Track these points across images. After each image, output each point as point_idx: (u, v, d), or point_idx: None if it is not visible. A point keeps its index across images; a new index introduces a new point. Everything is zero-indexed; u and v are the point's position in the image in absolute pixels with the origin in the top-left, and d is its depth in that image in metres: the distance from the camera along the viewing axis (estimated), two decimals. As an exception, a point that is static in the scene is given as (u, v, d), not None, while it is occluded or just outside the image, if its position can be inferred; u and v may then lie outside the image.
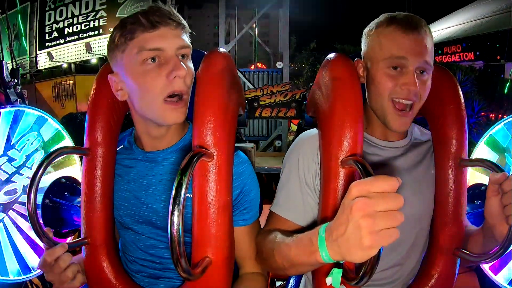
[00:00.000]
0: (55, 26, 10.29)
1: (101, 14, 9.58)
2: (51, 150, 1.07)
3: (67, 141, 1.50)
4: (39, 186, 1.01)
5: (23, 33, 10.60)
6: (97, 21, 9.63)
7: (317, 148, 1.10)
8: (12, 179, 1.47)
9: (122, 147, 1.19)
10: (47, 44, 10.52)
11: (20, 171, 1.47)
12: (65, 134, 1.49)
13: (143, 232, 1.13)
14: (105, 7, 9.53)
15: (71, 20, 10.02)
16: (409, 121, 1.10)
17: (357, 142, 0.98)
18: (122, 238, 1.20)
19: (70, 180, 1.45)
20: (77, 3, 9.86)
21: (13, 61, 3.26)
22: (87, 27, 9.77)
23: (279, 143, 7.05)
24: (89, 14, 9.74)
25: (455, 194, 1.10)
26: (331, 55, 1.10)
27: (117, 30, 1.01)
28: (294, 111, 5.08)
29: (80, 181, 1.26)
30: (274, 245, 0.98)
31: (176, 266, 0.83)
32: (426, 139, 1.24)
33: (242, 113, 1.17)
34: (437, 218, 1.14)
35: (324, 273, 0.93)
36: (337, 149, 0.98)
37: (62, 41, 10.25)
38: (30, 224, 1.00)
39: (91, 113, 1.10)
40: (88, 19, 9.74)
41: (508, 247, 0.95)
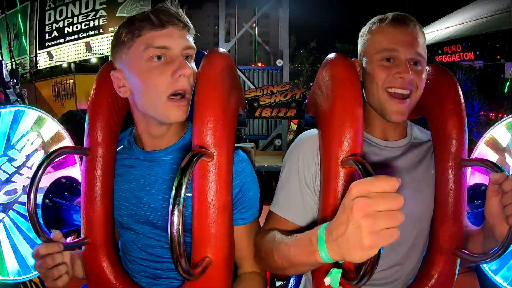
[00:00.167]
0: (55, 25, 10.28)
1: (101, 13, 9.56)
2: (51, 150, 1.07)
3: (67, 141, 1.50)
4: (39, 186, 1.00)
5: (23, 32, 10.59)
6: (97, 20, 9.62)
7: (317, 148, 1.10)
8: (12, 179, 1.47)
9: (122, 147, 1.19)
10: (47, 44, 10.50)
11: (20, 171, 1.47)
12: (65, 134, 1.49)
13: (142, 232, 1.13)
14: (105, 6, 9.51)
15: (71, 20, 10.00)
16: (406, 109, 1.10)
17: (357, 142, 0.98)
18: (122, 238, 1.20)
19: (70, 180, 1.45)
20: (77, 3, 9.84)
21: (13, 61, 3.25)
22: (87, 26, 9.75)
23: (279, 142, 7.03)
24: (89, 14, 9.72)
25: (455, 194, 1.10)
26: (331, 55, 1.10)
27: (124, 27, 1.03)
28: (294, 111, 5.07)
29: (80, 181, 1.26)
30: (273, 244, 0.98)
31: (176, 266, 0.83)
32: (426, 139, 1.24)
33: (242, 113, 1.17)
34: (437, 218, 1.14)
35: (323, 273, 0.93)
36: (337, 149, 0.98)
37: (62, 40, 10.23)
38: (30, 224, 1.00)
39: (91, 113, 1.11)
40: (88, 18, 9.72)
41: (508, 247, 0.95)
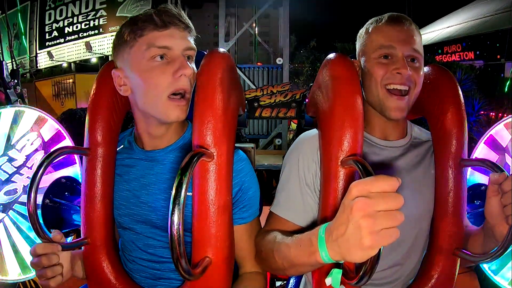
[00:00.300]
0: (55, 25, 10.27)
1: (101, 13, 9.56)
2: (51, 150, 1.07)
3: (67, 141, 1.50)
4: (39, 186, 1.00)
5: (23, 32, 10.59)
6: (97, 20, 9.61)
7: (317, 148, 1.10)
8: (12, 179, 1.47)
9: (122, 147, 1.20)
10: (47, 44, 10.50)
11: (20, 171, 1.47)
12: (65, 134, 1.49)
13: (142, 232, 1.13)
14: (105, 6, 9.50)
15: (71, 20, 9.99)
16: (405, 105, 1.11)
17: (357, 142, 0.98)
18: (122, 238, 1.20)
19: (70, 180, 1.45)
20: (77, 3, 9.84)
21: (13, 61, 3.25)
22: (87, 26, 9.75)
23: (279, 141, 7.04)
24: (89, 14, 9.72)
25: (455, 194, 1.10)
26: (331, 55, 1.10)
27: (126, 26, 1.04)
28: (294, 111, 5.07)
29: (80, 181, 1.26)
30: (273, 245, 0.98)
31: (176, 266, 0.83)
32: (426, 138, 1.24)
33: (242, 113, 1.17)
34: (437, 218, 1.14)
35: (324, 273, 0.93)
36: (337, 149, 0.98)
37: (62, 40, 10.23)
38: (30, 224, 1.00)
39: (91, 113, 1.11)
40: (88, 18, 9.72)
41: (508, 247, 0.95)
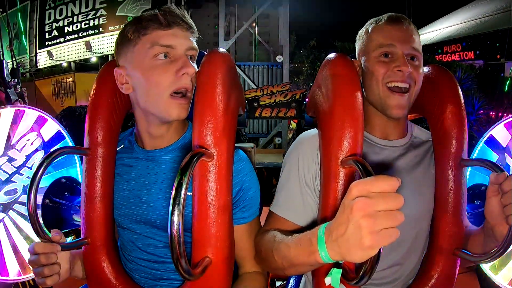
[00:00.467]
0: (55, 25, 10.27)
1: (101, 12, 9.55)
2: (51, 150, 1.07)
3: (67, 141, 1.50)
4: (39, 186, 1.00)
5: (23, 31, 10.59)
6: (97, 19, 9.61)
7: (317, 148, 1.10)
8: (12, 179, 1.47)
9: (123, 146, 1.20)
10: (47, 43, 10.49)
11: (20, 171, 1.47)
12: (65, 134, 1.49)
13: (142, 232, 1.13)
14: (105, 5, 9.50)
15: (71, 19, 9.99)
16: (406, 103, 1.11)
17: (357, 142, 0.98)
18: (121, 237, 1.20)
19: (70, 180, 1.45)
20: (77, 2, 9.84)
21: (13, 60, 3.25)
22: (87, 25, 9.74)
23: (279, 140, 7.04)
24: (89, 13, 9.71)
25: (455, 194, 1.10)
26: (331, 55, 1.10)
27: (130, 25, 1.05)
28: (294, 111, 5.08)
29: (80, 181, 1.26)
30: (273, 245, 0.98)
31: (176, 266, 0.83)
32: (426, 138, 1.24)
33: (242, 113, 1.17)
34: (437, 218, 1.14)
35: (323, 273, 0.93)
36: (337, 149, 0.98)
37: (62, 40, 10.22)
38: (30, 224, 1.00)
39: (91, 113, 1.11)
40: (88, 18, 9.71)
41: (508, 247, 0.95)
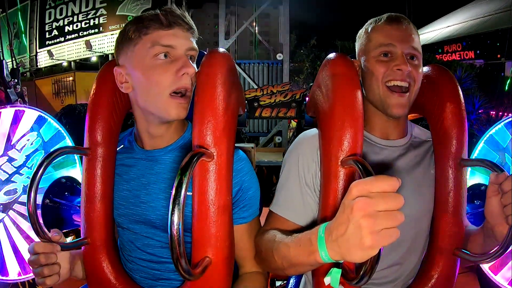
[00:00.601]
0: (55, 24, 10.28)
1: (101, 12, 9.56)
2: (51, 150, 1.07)
3: (67, 141, 1.50)
4: (39, 186, 1.01)
5: (23, 31, 10.59)
6: (97, 19, 9.62)
7: (317, 148, 1.10)
8: (12, 179, 1.47)
9: (122, 146, 1.20)
10: (47, 43, 10.50)
11: (20, 171, 1.47)
12: (65, 134, 1.49)
13: (141, 232, 1.13)
14: (105, 5, 9.51)
15: (71, 18, 10.00)
16: (406, 102, 1.11)
17: (357, 142, 0.98)
18: (121, 237, 1.20)
19: (70, 180, 1.45)
20: (77, 1, 9.85)
21: (13, 59, 3.25)
22: (87, 25, 9.75)
23: (279, 139, 7.05)
24: (89, 12, 9.72)
25: (455, 194, 1.10)
26: (331, 55, 1.10)
27: (131, 25, 1.06)
28: (294, 111, 5.08)
29: (80, 181, 1.26)
30: (273, 245, 0.98)
31: (176, 266, 0.82)
32: (426, 138, 1.24)
33: (242, 113, 1.17)
34: (437, 218, 1.14)
35: (323, 273, 0.93)
36: (337, 149, 0.98)
37: (62, 39, 10.23)
38: (30, 224, 1.00)
39: (91, 113, 1.10)
40: (88, 17, 9.72)
41: (508, 247, 0.94)
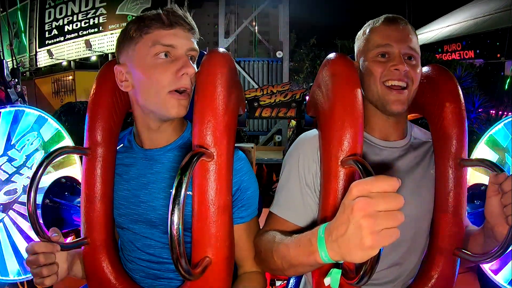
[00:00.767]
0: (54, 23, 10.27)
1: (101, 11, 9.56)
2: (51, 150, 1.07)
3: (67, 141, 1.50)
4: (39, 186, 1.00)
5: (23, 30, 10.59)
6: (96, 18, 9.62)
7: (317, 148, 1.10)
8: (12, 179, 1.47)
9: (122, 145, 1.20)
10: (46, 42, 10.50)
11: (20, 171, 1.47)
12: (65, 134, 1.49)
13: (141, 232, 1.13)
14: (105, 4, 9.51)
15: (70, 18, 10.00)
16: (405, 99, 1.12)
17: (357, 142, 0.98)
18: (121, 237, 1.20)
19: (70, 180, 1.45)
20: (77, 1, 9.85)
21: (13, 59, 3.25)
22: (87, 24, 9.75)
23: (279, 138, 7.07)
24: (88, 12, 9.72)
25: (455, 194, 1.10)
26: (331, 55, 1.10)
27: (133, 24, 1.06)
28: (294, 111, 5.10)
29: (80, 181, 1.26)
30: (272, 245, 0.98)
31: (176, 266, 0.82)
32: (426, 139, 1.24)
33: (242, 113, 1.17)
34: (437, 218, 1.14)
35: (323, 273, 0.93)
36: (337, 149, 0.98)
37: (62, 38, 10.23)
38: (30, 224, 1.00)
39: (91, 113, 1.10)
40: (88, 16, 9.72)
41: (508, 247, 0.95)
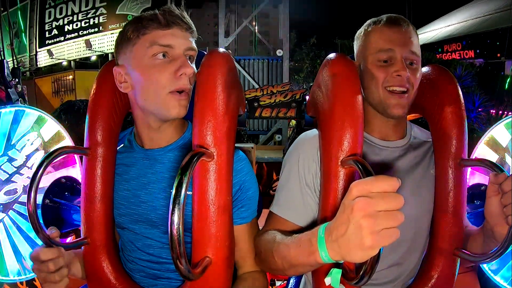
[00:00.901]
0: (55, 23, 10.28)
1: (101, 11, 9.57)
2: (51, 150, 1.07)
3: (67, 141, 1.50)
4: (39, 186, 1.00)
5: (23, 30, 10.59)
6: (97, 18, 9.62)
7: (317, 148, 1.10)
8: (12, 179, 1.47)
9: (122, 145, 1.19)
10: (47, 42, 10.51)
11: (20, 171, 1.47)
12: (65, 134, 1.49)
13: (141, 232, 1.13)
14: (105, 4, 9.52)
15: (71, 18, 10.01)
16: (405, 102, 1.12)
17: (357, 142, 0.98)
18: (121, 237, 1.20)
19: (70, 180, 1.45)
20: (77, 1, 9.86)
21: (14, 59, 3.25)
22: (87, 24, 9.76)
23: (279, 137, 7.08)
24: (89, 12, 9.73)
25: (455, 194, 1.10)
26: (331, 55, 1.10)
27: (130, 25, 1.06)
28: (294, 111, 5.10)
29: (80, 181, 1.26)
30: (273, 245, 0.98)
31: (176, 266, 0.82)
32: (426, 139, 1.24)
33: (242, 113, 1.17)
34: (437, 218, 1.14)
35: (323, 273, 0.93)
36: (337, 149, 0.98)
37: (62, 38, 10.24)
38: (30, 224, 1.00)
39: (91, 113, 1.10)
40: (88, 16, 9.73)
41: (508, 247, 0.95)
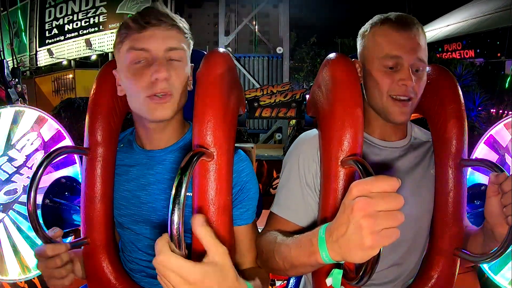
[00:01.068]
0: (55, 23, 10.29)
1: (101, 10, 9.57)
2: (51, 150, 1.07)
3: (67, 141, 1.50)
4: (39, 186, 1.00)
5: (23, 29, 10.59)
6: (97, 17, 9.63)
7: (317, 148, 1.10)
8: (12, 179, 1.47)
9: (123, 146, 1.19)
10: (47, 41, 10.51)
11: (20, 171, 1.47)
12: (65, 134, 1.49)
13: (142, 233, 1.13)
14: (105, 3, 9.53)
15: (71, 17, 10.01)
16: (409, 111, 1.11)
17: (357, 142, 0.98)
18: (122, 238, 1.20)
19: (70, 180, 1.45)
20: (77, 0, 9.86)
21: (14, 58, 3.25)
22: (87, 23, 9.77)
23: (279, 136, 7.08)
24: (89, 11, 9.73)
25: (455, 194, 1.10)
26: (331, 55, 1.09)
27: (118, 30, 1.06)
28: (294, 111, 5.10)
29: (80, 181, 1.26)
30: (274, 246, 0.98)
31: (177, 266, 0.82)
32: (426, 139, 1.24)
33: (242, 113, 1.17)
34: (437, 218, 1.14)
35: (324, 273, 0.93)
36: (337, 149, 0.98)
37: (62, 38, 10.25)
38: (30, 224, 1.00)
39: (91, 112, 1.10)
40: (88, 15, 9.73)
41: (508, 247, 0.95)
